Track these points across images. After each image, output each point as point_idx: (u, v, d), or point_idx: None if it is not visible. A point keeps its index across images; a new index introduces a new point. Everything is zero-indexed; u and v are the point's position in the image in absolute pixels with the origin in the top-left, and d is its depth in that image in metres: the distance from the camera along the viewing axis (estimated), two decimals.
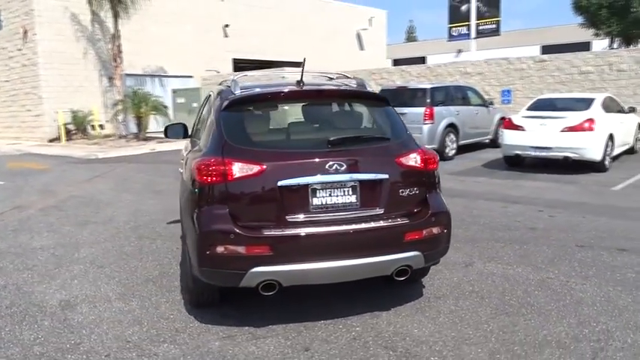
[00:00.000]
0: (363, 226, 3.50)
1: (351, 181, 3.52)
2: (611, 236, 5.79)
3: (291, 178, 3.43)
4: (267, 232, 3.39)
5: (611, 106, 11.12)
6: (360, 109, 4.14)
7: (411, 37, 70.16)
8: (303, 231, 3.41)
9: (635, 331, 3.55)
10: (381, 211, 3.58)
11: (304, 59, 4.02)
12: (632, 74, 15.54)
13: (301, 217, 3.46)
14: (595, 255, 5.16)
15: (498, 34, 20.82)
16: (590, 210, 7.10)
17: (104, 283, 4.69)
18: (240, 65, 27.74)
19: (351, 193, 3.53)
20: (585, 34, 32.69)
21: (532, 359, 3.23)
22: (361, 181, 3.54)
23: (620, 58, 15.82)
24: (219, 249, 3.38)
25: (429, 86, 12.79)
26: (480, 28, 20.04)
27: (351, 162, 3.53)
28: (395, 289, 4.31)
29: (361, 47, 33.66)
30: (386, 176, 3.60)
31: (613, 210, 7.08)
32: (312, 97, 4.14)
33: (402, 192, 3.64)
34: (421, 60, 45.64)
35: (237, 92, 3.93)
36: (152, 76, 23.66)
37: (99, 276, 4.89)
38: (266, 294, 3.48)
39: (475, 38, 20.27)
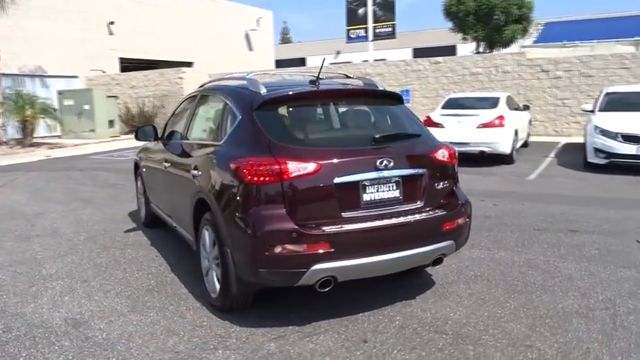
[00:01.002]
0: (409, 219, 3.68)
1: (395, 176, 3.67)
2: (556, 220, 6.50)
3: (346, 175, 3.51)
4: (326, 229, 3.43)
5: (511, 104, 12.33)
6: (385, 107, 4.29)
7: (285, 39, 71.06)
8: (358, 227, 3.50)
9: (631, 297, 4.10)
10: (421, 205, 3.78)
11: (324, 59, 4.09)
12: (515, 75, 17.25)
13: (355, 213, 3.54)
14: (555, 237, 5.78)
15: (394, 37, 21.97)
16: (523, 198, 7.88)
17: (103, 298, 4.38)
18: (127, 65, 26.40)
19: (395, 188, 3.68)
20: (453, 38, 34.89)
21: (566, 328, 3.61)
22: (403, 177, 3.71)
23: (505, 61, 17.50)
24: (279, 249, 3.36)
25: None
26: (377, 31, 21.01)
27: (396, 158, 3.68)
28: (405, 280, 4.53)
29: (250, 48, 33.58)
30: (424, 171, 3.80)
31: (541, 197, 7.91)
32: (343, 96, 4.23)
33: (437, 185, 3.87)
34: (301, 61, 46.64)
35: (263, 91, 3.90)
36: (31, 76, 21.72)
37: (90, 290, 4.54)
38: (322, 290, 3.52)
39: (373, 40, 21.20)
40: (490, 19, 31.69)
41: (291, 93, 3.94)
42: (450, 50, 37.24)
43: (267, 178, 3.41)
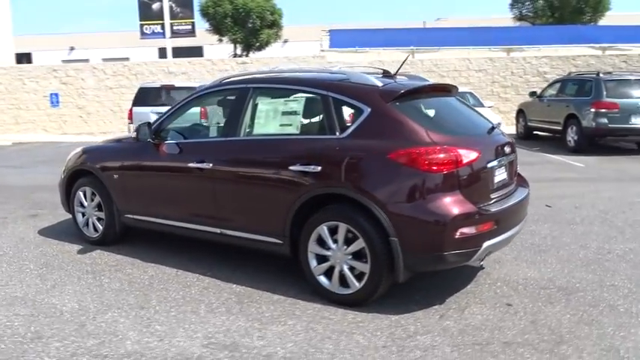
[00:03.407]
0: (522, 195, 4.26)
1: (507, 160, 4.19)
2: None
3: (492, 161, 3.91)
4: (491, 209, 3.78)
5: None
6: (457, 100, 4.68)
7: None
8: (506, 205, 3.94)
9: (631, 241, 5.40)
10: (514, 183, 4.38)
11: (408, 56, 4.31)
12: None
13: (496, 194, 3.96)
14: None
15: (194, 35, 21.39)
16: None
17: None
18: None
19: (504, 170, 4.19)
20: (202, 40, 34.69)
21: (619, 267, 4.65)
22: (510, 161, 4.25)
23: (307, 64, 18.84)
24: (465, 230, 3.58)
25: (197, 84, 12.70)
26: (175, 28, 20.22)
27: (506, 145, 4.21)
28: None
29: None
30: (515, 155, 4.40)
31: None
32: (443, 90, 4.49)
33: (516, 167, 4.50)
34: (26, 57, 41.29)
35: (380, 84, 4.00)
36: None
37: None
38: (477, 265, 3.86)
39: (171, 38, 20.33)
40: (247, 23, 33.28)
41: (417, 86, 4.11)
42: (197, 51, 37.65)
43: (446, 166, 3.59)
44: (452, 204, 3.60)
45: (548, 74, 18.11)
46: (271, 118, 4.43)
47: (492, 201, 3.91)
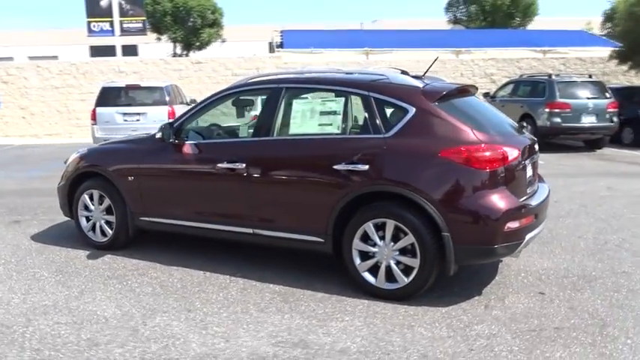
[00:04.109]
0: (547, 190, 4.52)
1: (532, 159, 4.43)
2: None
3: (527, 159, 4.16)
4: (532, 203, 4.00)
5: None
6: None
7: None
8: (540, 199, 4.19)
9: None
10: (537, 180, 4.63)
11: (436, 58, 4.47)
12: None
13: (529, 189, 4.20)
14: None
15: (145, 34, 20.72)
16: None
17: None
18: None
19: (531, 168, 4.43)
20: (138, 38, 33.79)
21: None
22: (533, 161, 4.49)
23: (264, 63, 18.80)
24: (514, 224, 3.78)
25: (163, 84, 12.40)
26: (125, 26, 19.50)
27: (532, 144, 4.46)
28: None
29: None
30: (538, 155, 4.66)
31: None
32: (471, 92, 4.65)
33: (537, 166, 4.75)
34: None
35: (422, 85, 4.15)
36: None
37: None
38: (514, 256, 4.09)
39: (121, 35, 19.60)
40: (187, 22, 32.69)
41: (455, 87, 4.27)
42: (132, 50, 36.55)
43: (495, 164, 3.78)
44: (501, 199, 3.79)
45: (494, 76, 18.99)
46: (308, 118, 4.45)
47: (528, 196, 4.14)
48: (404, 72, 4.88)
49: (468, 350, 3.32)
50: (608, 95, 12.96)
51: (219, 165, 4.59)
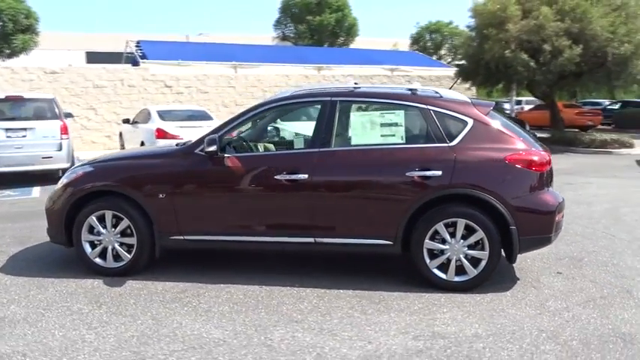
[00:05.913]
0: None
1: None
2: None
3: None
4: (562, 199, 4.80)
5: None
6: None
7: None
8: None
9: None
10: None
11: (456, 80, 5.07)
12: (141, 89, 17.86)
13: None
14: None
15: None
16: None
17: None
18: None
19: None
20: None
21: None
22: None
23: (129, 75, 17.80)
24: (560, 216, 4.57)
25: (52, 96, 11.12)
26: None
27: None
28: None
29: None
30: None
31: None
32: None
33: None
34: None
35: (469, 99, 4.78)
36: None
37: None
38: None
39: None
40: None
41: (495, 102, 4.91)
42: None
43: (545, 166, 4.54)
44: (551, 196, 4.57)
45: None
46: (369, 129, 4.72)
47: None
48: (411, 90, 5.44)
49: (564, 322, 3.96)
50: None
51: (277, 177, 4.63)
